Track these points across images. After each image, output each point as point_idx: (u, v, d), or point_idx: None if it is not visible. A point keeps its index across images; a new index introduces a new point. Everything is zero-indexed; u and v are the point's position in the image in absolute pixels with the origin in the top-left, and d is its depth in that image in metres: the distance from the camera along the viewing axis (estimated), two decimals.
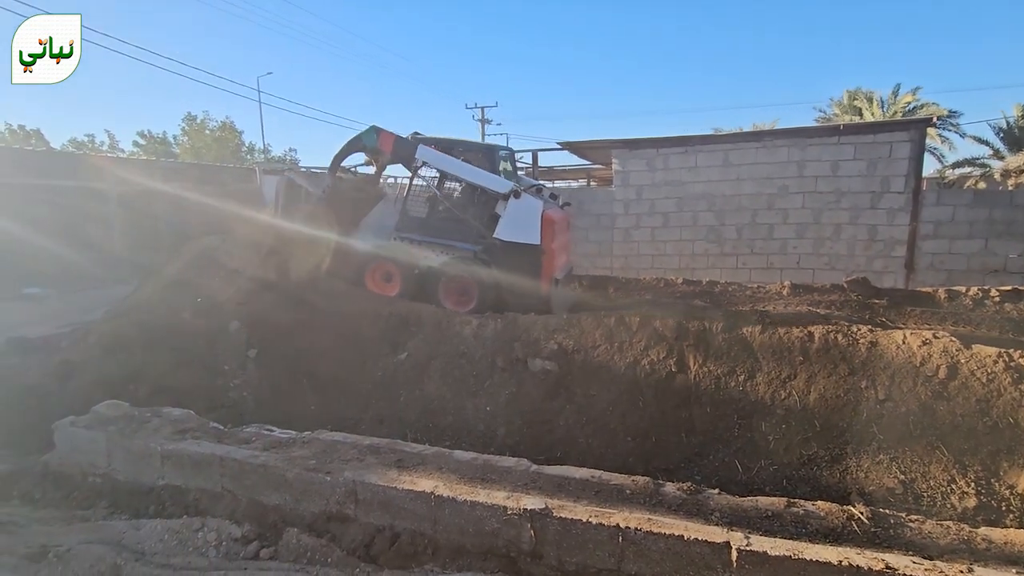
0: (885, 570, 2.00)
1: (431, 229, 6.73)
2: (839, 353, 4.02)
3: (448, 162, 6.63)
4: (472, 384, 4.70)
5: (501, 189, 6.37)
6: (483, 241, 6.40)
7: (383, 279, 6.76)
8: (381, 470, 2.91)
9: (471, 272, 6.36)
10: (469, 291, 6.43)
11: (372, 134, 6.71)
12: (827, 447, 3.58)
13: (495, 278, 6.29)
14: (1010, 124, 23.55)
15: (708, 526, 2.30)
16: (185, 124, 34.71)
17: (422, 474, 2.85)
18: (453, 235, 6.61)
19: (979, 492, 3.11)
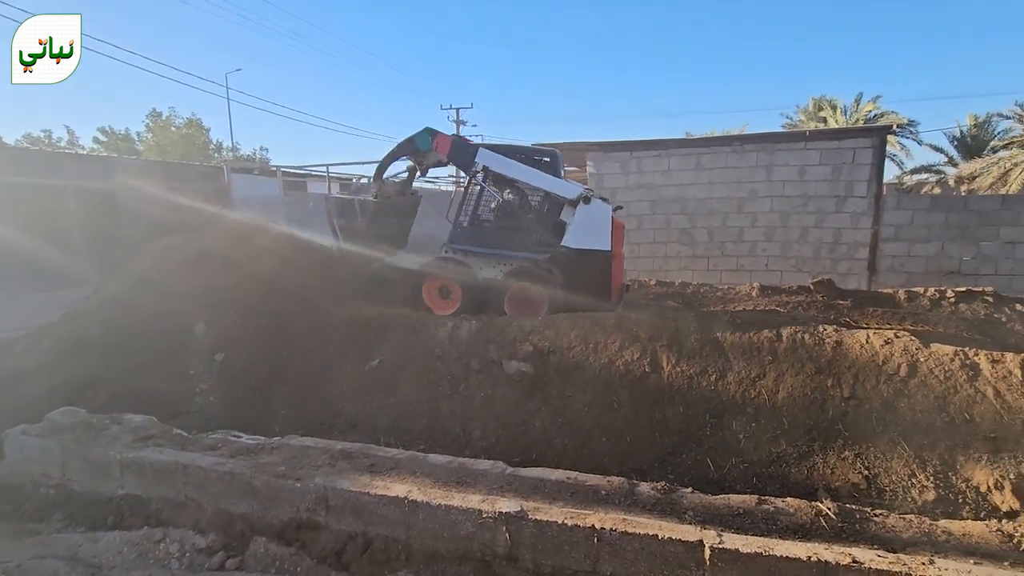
0: (852, 564, 2.04)
1: (488, 240, 6.46)
2: (806, 353, 4.11)
3: (512, 167, 6.30)
4: (447, 387, 4.65)
5: (570, 195, 6.10)
6: (548, 249, 6.14)
7: (440, 295, 6.40)
8: (353, 475, 2.85)
9: (539, 283, 6.05)
10: (537, 303, 6.09)
11: (426, 136, 6.30)
12: (795, 444, 3.66)
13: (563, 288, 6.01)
14: (963, 133, 24.67)
15: (682, 525, 2.32)
16: (150, 121, 33.65)
17: (396, 479, 2.80)
18: (513, 245, 6.34)
19: (938, 486, 3.22)
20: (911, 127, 24.92)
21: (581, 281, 6.03)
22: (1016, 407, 3.46)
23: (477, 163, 6.17)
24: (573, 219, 6.05)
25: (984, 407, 3.51)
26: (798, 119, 29.08)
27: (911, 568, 2.02)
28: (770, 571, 2.11)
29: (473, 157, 6.18)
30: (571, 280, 6.06)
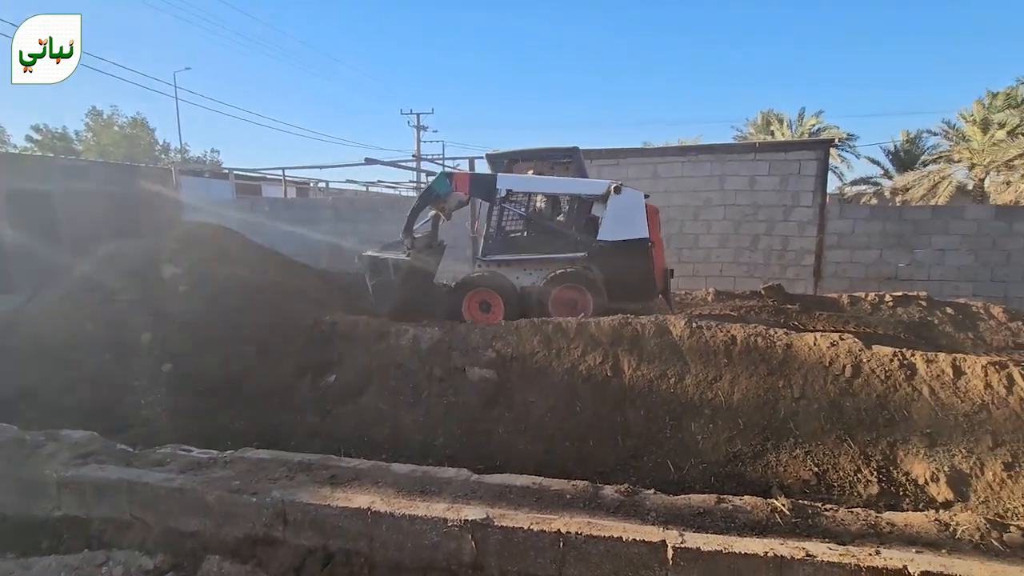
0: (806, 557, 2.13)
1: (523, 247, 6.46)
2: (759, 355, 4.27)
3: (533, 183, 6.41)
4: (409, 395, 4.59)
5: (598, 191, 6.13)
6: (584, 247, 6.14)
7: (481, 310, 6.35)
8: (313, 488, 2.77)
9: (581, 283, 6.03)
10: (582, 304, 6.08)
11: (444, 180, 6.29)
12: (750, 444, 3.78)
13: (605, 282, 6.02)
14: (897, 147, 26.34)
15: (645, 526, 2.36)
16: (89, 119, 31.91)
17: (358, 490, 2.74)
18: (549, 248, 6.34)
19: (881, 480, 3.40)
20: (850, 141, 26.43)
21: (623, 273, 6.05)
22: (949, 404, 3.69)
23: (499, 189, 6.21)
24: (605, 212, 6.06)
25: (920, 404, 3.73)
26: (748, 131, 30.34)
27: (859, 559, 2.12)
28: (730, 568, 2.17)
29: (495, 185, 6.21)
30: (613, 273, 6.07)
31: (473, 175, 6.48)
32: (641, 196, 6.14)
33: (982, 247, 9.67)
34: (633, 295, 6.14)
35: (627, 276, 6.06)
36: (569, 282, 6.03)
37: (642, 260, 6.02)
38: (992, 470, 3.30)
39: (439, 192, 6.29)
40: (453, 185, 6.25)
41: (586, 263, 6.12)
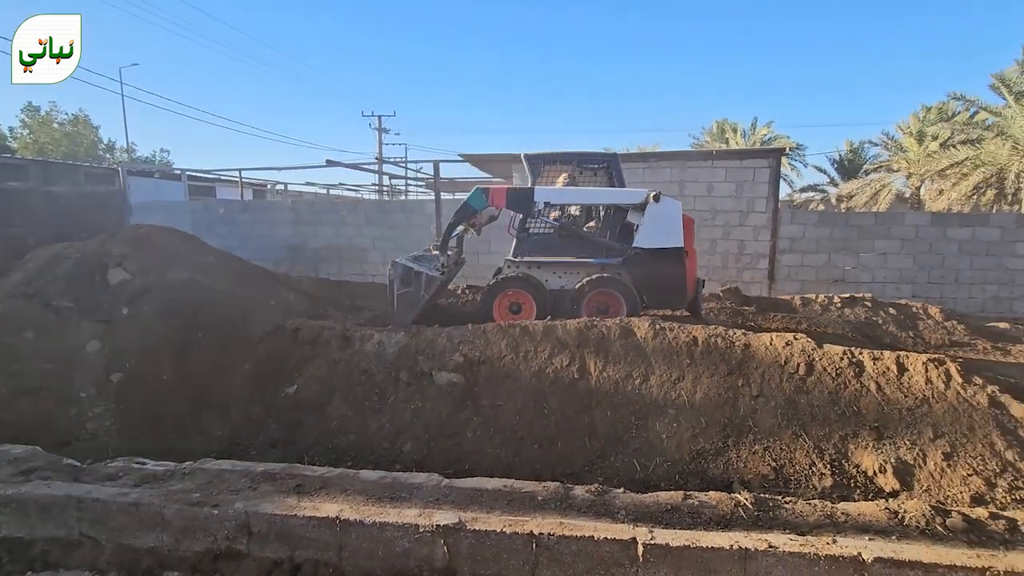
0: (769, 549, 2.22)
1: (557, 248, 6.40)
2: (719, 355, 4.42)
3: (572, 195, 6.46)
4: (375, 401, 4.52)
5: (637, 200, 6.19)
6: (619, 253, 6.17)
7: (511, 310, 6.31)
8: (278, 498, 2.69)
9: (614, 289, 6.08)
10: (615, 306, 6.13)
11: (480, 196, 6.28)
12: (712, 441, 3.90)
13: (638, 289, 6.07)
14: (842, 157, 27.79)
15: (616, 524, 2.41)
16: (25, 116, 30.04)
17: (325, 498, 2.68)
18: (582, 251, 6.34)
19: (834, 472, 3.56)
20: (799, 150, 27.71)
21: (656, 280, 6.13)
22: (894, 399, 3.91)
23: (537, 202, 6.21)
24: (643, 219, 6.13)
25: (868, 400, 3.94)
26: (704, 139, 31.36)
27: (818, 548, 2.23)
28: (698, 561, 2.24)
29: (532, 198, 6.21)
30: (646, 280, 6.14)
31: (510, 189, 6.46)
32: (679, 205, 6.25)
33: (920, 251, 10.30)
34: (663, 302, 6.27)
35: (659, 283, 6.15)
36: (604, 287, 6.10)
37: (676, 268, 6.12)
38: (933, 460, 3.51)
39: (475, 208, 6.31)
40: (489, 200, 6.27)
41: (620, 269, 6.21)
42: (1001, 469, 3.41)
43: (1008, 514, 2.51)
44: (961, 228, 10.43)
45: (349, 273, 11.43)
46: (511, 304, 6.32)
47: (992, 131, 19.89)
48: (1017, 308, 10.38)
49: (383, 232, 11.61)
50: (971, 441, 3.58)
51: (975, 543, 2.30)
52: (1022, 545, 2.30)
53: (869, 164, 26.87)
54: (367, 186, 21.36)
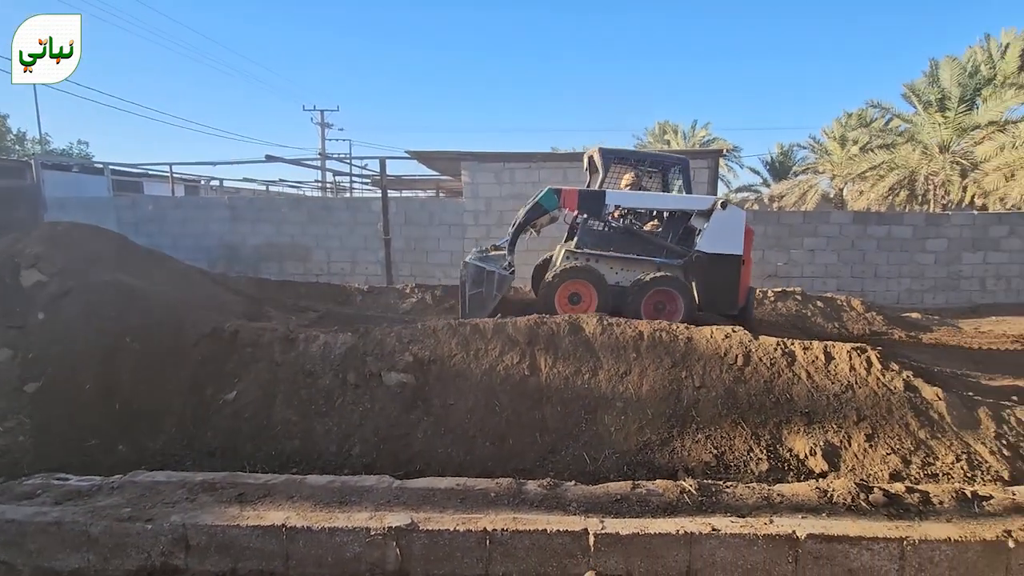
0: (712, 531, 2.32)
1: (619, 244, 6.47)
2: (664, 348, 4.57)
3: (642, 199, 6.58)
4: (321, 404, 4.38)
5: (704, 206, 6.36)
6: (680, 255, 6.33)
7: (571, 301, 6.29)
8: (219, 508, 2.56)
9: (676, 287, 6.20)
10: (673, 305, 6.24)
11: (552, 196, 6.29)
12: (658, 432, 4.03)
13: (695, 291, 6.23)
14: (773, 159, 29.40)
15: (568, 516, 2.45)
16: None
17: (270, 506, 2.57)
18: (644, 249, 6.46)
19: (770, 457, 3.77)
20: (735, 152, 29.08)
21: (712, 285, 6.28)
22: (822, 386, 4.18)
23: (608, 205, 6.33)
24: (708, 225, 6.29)
25: (799, 387, 4.19)
26: (647, 140, 32.34)
27: (756, 528, 2.35)
28: (646, 547, 2.31)
29: (603, 201, 6.30)
30: (702, 284, 6.29)
31: (581, 191, 6.44)
32: (743, 215, 6.50)
33: (843, 248, 11.06)
34: (716, 307, 6.42)
35: (715, 288, 6.32)
36: (666, 286, 6.22)
37: (732, 274, 6.29)
38: (857, 441, 3.78)
39: (547, 208, 6.36)
40: (562, 201, 6.30)
41: (679, 270, 6.35)
42: (915, 447, 3.72)
43: (922, 488, 2.74)
44: (879, 226, 11.28)
45: (292, 273, 11.02)
46: (571, 295, 6.35)
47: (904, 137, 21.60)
48: (927, 299, 11.35)
49: (327, 230, 11.27)
50: (889, 423, 3.88)
51: (894, 516, 2.50)
52: (934, 515, 2.52)
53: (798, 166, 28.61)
54: (310, 183, 20.67)
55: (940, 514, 2.52)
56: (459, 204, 11.12)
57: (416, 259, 11.18)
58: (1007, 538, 2.35)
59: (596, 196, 6.35)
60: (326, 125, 31.08)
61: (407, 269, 11.15)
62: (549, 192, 6.38)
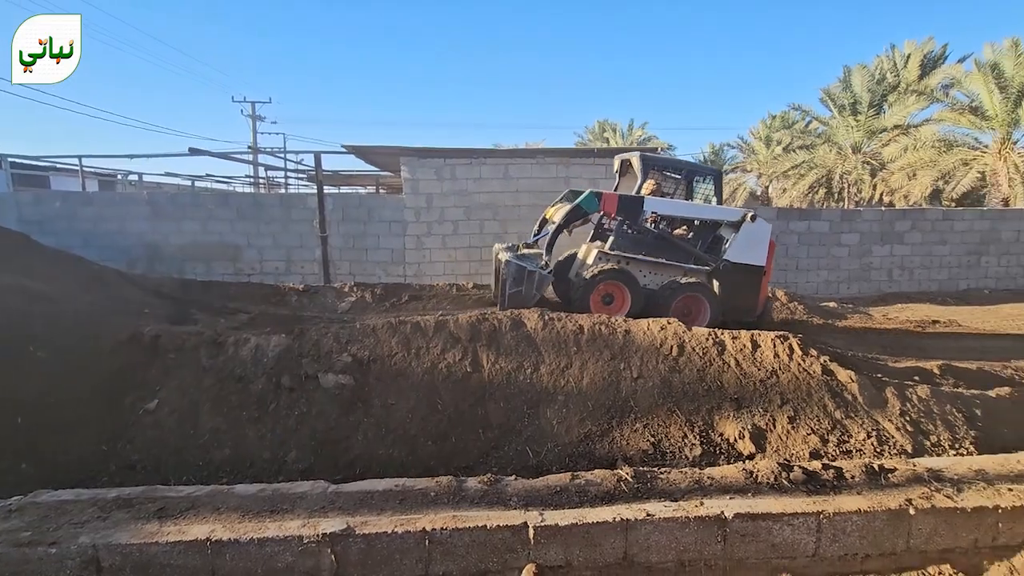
0: (647, 517, 2.40)
1: (651, 249, 6.70)
2: (603, 341, 4.68)
3: (677, 207, 6.88)
4: (254, 409, 4.18)
5: (734, 217, 6.70)
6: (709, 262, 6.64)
7: (603, 302, 6.49)
8: (135, 525, 2.38)
9: (704, 293, 6.53)
10: (703, 309, 6.55)
11: (593, 199, 6.44)
12: (598, 423, 4.13)
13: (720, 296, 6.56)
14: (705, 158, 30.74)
15: (508, 511, 2.45)
16: None
17: (194, 520, 2.42)
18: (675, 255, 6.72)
19: (703, 442, 3.94)
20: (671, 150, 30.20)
21: (734, 292, 6.62)
22: (749, 372, 4.42)
23: (645, 211, 6.54)
24: (736, 236, 6.64)
25: (729, 375, 4.41)
26: (587, 138, 32.99)
27: (688, 511, 2.45)
28: (585, 537, 2.36)
29: (641, 207, 6.50)
30: (725, 291, 6.62)
31: (622, 197, 6.59)
32: (769, 228, 6.86)
33: None
34: (736, 313, 6.74)
35: (737, 295, 6.67)
36: (695, 292, 6.53)
37: (754, 284, 6.71)
38: (781, 424, 4.02)
39: (587, 211, 6.54)
40: (602, 205, 6.47)
41: (706, 277, 6.70)
42: (832, 427, 4.00)
43: (836, 464, 2.94)
44: (800, 221, 12.04)
45: (221, 273, 10.44)
46: (604, 295, 6.54)
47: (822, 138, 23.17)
48: (842, 289, 12.24)
49: (259, 228, 10.75)
50: (809, 405, 4.15)
51: (812, 492, 2.68)
52: (846, 490, 2.71)
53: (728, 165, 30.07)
54: (240, 178, 19.63)
55: (852, 488, 2.72)
56: (399, 200, 10.90)
57: (355, 257, 10.87)
58: (908, 506, 2.56)
59: (635, 202, 6.56)
60: (258, 118, 29.64)
61: (346, 267, 10.83)
62: (590, 195, 6.54)
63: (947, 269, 12.62)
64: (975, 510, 2.57)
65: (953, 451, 3.84)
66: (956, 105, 18.37)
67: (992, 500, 2.61)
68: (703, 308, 6.65)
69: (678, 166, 7.53)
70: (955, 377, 5.16)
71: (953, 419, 4.09)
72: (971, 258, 12.63)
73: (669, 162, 7.54)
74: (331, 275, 10.65)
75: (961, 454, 3.77)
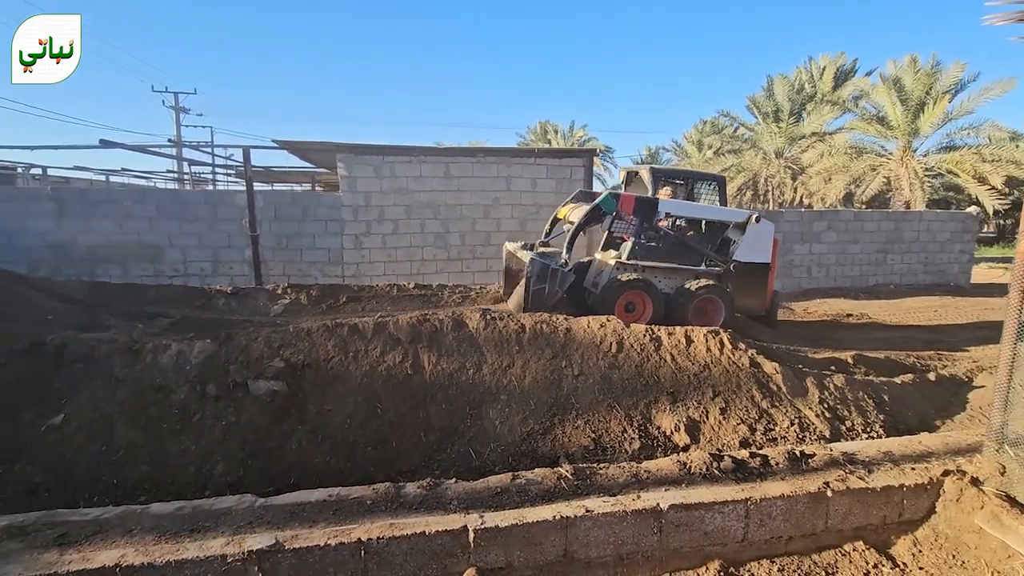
0: (586, 513, 2.42)
1: (662, 255, 6.99)
2: (544, 340, 4.71)
3: (690, 208, 7.18)
4: (175, 421, 3.90)
5: (740, 219, 7.04)
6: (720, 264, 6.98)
7: (626, 310, 6.69)
8: (31, 555, 2.15)
9: (718, 294, 6.82)
10: (718, 310, 6.86)
11: (611, 200, 6.65)
12: (540, 421, 4.15)
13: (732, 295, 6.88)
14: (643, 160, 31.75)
15: (448, 515, 2.41)
16: None
17: (101, 545, 2.21)
18: (688, 260, 7.03)
19: (641, 436, 4.05)
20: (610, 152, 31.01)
21: (744, 290, 6.98)
22: (684, 367, 4.58)
23: (660, 212, 6.80)
24: (743, 237, 7.01)
25: (665, 369, 4.55)
26: (529, 138, 33.29)
27: (625, 505, 2.50)
28: (526, 537, 2.35)
29: (655, 208, 6.76)
30: (737, 289, 6.95)
31: (638, 198, 6.80)
32: (772, 227, 7.17)
33: None
34: (746, 309, 7.13)
35: (747, 293, 7.06)
36: (711, 293, 6.84)
37: (761, 281, 7.12)
38: (713, 415, 4.19)
39: (606, 211, 6.71)
40: (619, 205, 6.66)
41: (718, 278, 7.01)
42: (759, 416, 4.21)
43: (763, 452, 3.09)
44: None
45: (139, 275, 9.72)
46: (627, 303, 6.78)
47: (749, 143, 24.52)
48: None
49: (182, 226, 10.08)
50: (738, 396, 4.36)
51: (740, 479, 2.80)
52: (772, 476, 2.86)
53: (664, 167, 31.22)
54: (162, 173, 18.35)
55: (777, 474, 2.87)
56: (336, 198, 10.55)
57: (289, 257, 10.42)
58: (826, 489, 2.73)
59: (650, 203, 6.84)
60: (182, 109, 27.83)
61: (279, 268, 10.36)
62: (608, 196, 6.78)
63: (859, 266, 13.67)
64: (884, 489, 2.78)
65: (865, 435, 4.15)
66: (865, 115, 20.00)
67: (898, 479, 2.83)
68: (718, 308, 6.96)
69: (685, 175, 7.99)
70: (866, 366, 5.59)
71: (865, 405, 4.42)
72: (879, 256, 13.74)
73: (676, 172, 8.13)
74: (263, 276, 10.15)
75: (872, 437, 4.08)
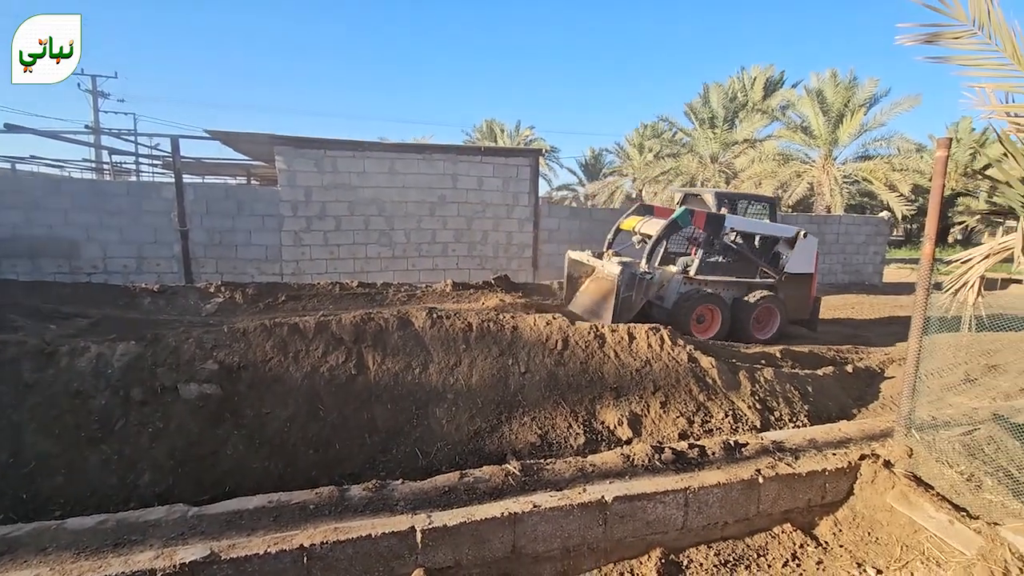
0: (533, 508, 2.45)
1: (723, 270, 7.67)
2: (491, 338, 4.72)
3: (752, 225, 7.92)
4: (95, 429, 3.62)
5: (790, 234, 7.92)
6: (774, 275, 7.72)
7: (696, 322, 7.30)
8: None
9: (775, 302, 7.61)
10: (774, 317, 7.70)
11: (687, 215, 7.20)
12: (488, 420, 4.16)
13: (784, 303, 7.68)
14: (587, 161, 32.47)
15: (394, 516, 2.37)
16: None
17: (11, 566, 2.03)
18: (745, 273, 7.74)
19: (586, 431, 4.14)
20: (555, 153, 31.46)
21: (791, 298, 7.81)
22: (627, 363, 4.72)
23: (726, 227, 7.46)
24: (792, 251, 7.89)
25: (609, 366, 4.67)
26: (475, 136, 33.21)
27: (571, 499, 2.55)
28: (474, 534, 2.35)
29: (723, 224, 7.41)
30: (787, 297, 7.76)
31: (709, 214, 7.40)
32: (816, 241, 8.11)
33: None
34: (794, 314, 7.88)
35: (794, 300, 7.86)
36: (770, 303, 7.60)
37: (806, 289, 7.98)
38: (654, 409, 4.35)
39: (682, 226, 7.31)
40: (693, 220, 7.25)
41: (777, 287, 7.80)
42: (697, 409, 4.41)
43: (700, 443, 3.25)
44: None
45: (52, 272, 8.94)
46: (698, 316, 7.38)
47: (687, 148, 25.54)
48: None
49: (102, 219, 9.35)
50: (678, 390, 4.54)
51: (680, 470, 2.93)
52: (708, 466, 3.00)
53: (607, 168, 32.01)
54: (76, 162, 16.93)
55: (713, 463, 3.02)
56: (274, 193, 10.11)
57: (223, 254, 9.89)
58: (757, 475, 2.90)
59: (718, 219, 7.48)
60: (100, 94, 25.75)
61: (211, 266, 9.82)
62: (685, 212, 7.34)
63: None
64: (808, 474, 2.99)
65: (792, 424, 4.44)
66: (791, 124, 21.33)
67: (821, 464, 3.05)
68: (774, 316, 7.79)
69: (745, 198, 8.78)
70: (792, 359, 5.97)
71: (792, 396, 4.72)
72: None
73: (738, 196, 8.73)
74: (194, 274, 9.58)
75: (798, 426, 4.37)
